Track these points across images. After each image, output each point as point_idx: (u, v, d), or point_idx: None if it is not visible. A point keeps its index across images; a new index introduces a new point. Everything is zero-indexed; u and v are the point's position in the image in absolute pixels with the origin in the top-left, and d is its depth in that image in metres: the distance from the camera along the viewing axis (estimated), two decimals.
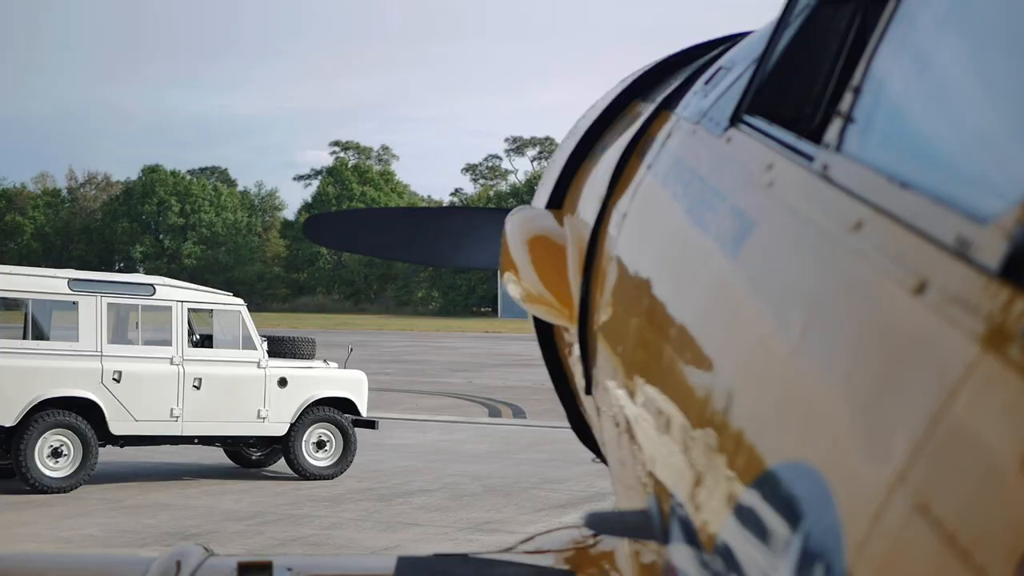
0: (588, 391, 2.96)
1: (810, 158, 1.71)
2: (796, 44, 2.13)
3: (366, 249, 4.73)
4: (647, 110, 3.11)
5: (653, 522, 1.95)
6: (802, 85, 2.07)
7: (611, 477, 2.79)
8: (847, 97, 1.68)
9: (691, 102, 2.71)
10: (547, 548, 3.10)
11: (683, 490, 1.76)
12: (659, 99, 3.05)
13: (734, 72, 2.52)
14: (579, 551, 2.97)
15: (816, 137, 1.77)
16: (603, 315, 2.73)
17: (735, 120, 2.22)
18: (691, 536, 1.71)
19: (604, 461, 3.36)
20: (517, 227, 3.59)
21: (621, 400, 2.40)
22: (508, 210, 3.88)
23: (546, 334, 3.62)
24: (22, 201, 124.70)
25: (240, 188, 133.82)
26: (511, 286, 3.48)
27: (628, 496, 2.42)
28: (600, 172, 3.22)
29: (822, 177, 1.62)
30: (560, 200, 3.58)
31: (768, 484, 1.43)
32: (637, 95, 3.39)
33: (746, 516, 1.48)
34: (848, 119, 1.65)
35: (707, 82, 2.71)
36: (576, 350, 3.04)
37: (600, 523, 2.08)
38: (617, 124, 3.38)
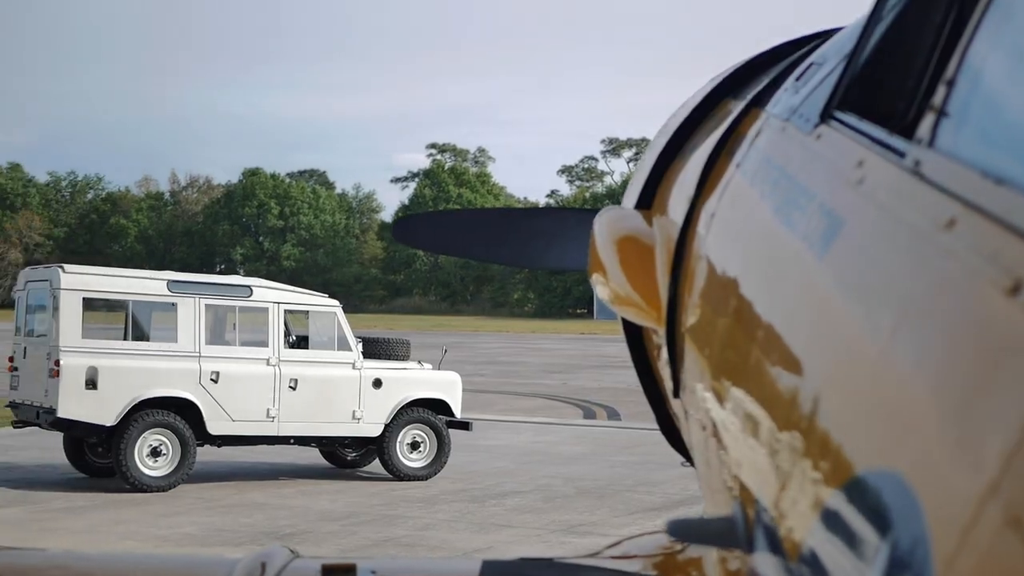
0: (676, 394, 2.91)
1: (902, 154, 1.65)
2: (888, 37, 2.08)
3: (455, 250, 4.69)
4: (737, 108, 3.05)
5: (737, 529, 1.90)
6: (894, 79, 2.01)
7: (698, 481, 2.74)
8: (940, 91, 1.62)
9: (781, 99, 2.65)
10: (634, 553, 3.06)
11: (768, 496, 1.71)
12: (749, 97, 2.99)
13: (825, 68, 2.46)
14: (667, 557, 2.92)
15: (908, 132, 1.71)
16: (690, 317, 2.68)
17: (825, 116, 2.16)
18: (775, 544, 1.66)
19: (693, 464, 3.30)
20: (605, 227, 3.55)
21: (707, 403, 2.35)
22: (598, 210, 3.84)
23: (635, 336, 3.57)
24: (126, 204, 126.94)
25: (338, 191, 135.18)
26: (599, 287, 3.44)
27: (714, 501, 2.37)
28: (689, 171, 3.16)
29: (914, 174, 1.57)
30: (649, 200, 3.53)
31: (855, 492, 1.38)
32: (727, 93, 3.33)
33: (831, 525, 1.43)
34: (941, 113, 1.59)
35: (798, 78, 2.66)
36: (664, 352, 2.99)
37: (683, 530, 2.03)
38: (707, 123, 3.32)
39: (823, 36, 3.03)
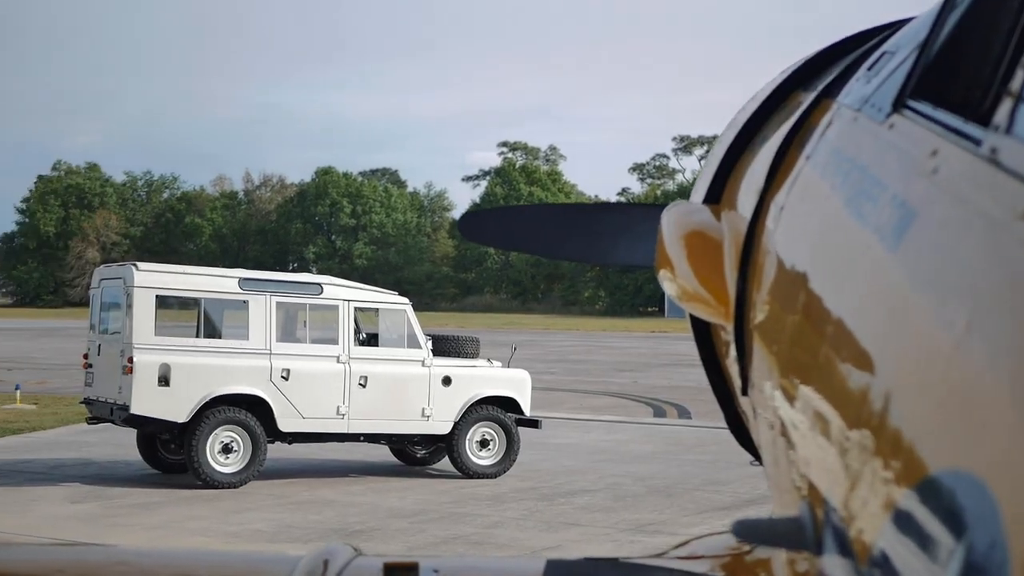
0: (744, 392, 2.85)
1: (978, 142, 1.59)
2: (964, 23, 2.01)
3: (522, 246, 4.64)
4: (807, 99, 2.99)
5: (805, 530, 1.85)
6: (970, 65, 1.94)
7: (767, 480, 2.68)
8: (1019, 76, 1.56)
9: (853, 89, 2.59)
10: (701, 553, 3.00)
11: (838, 497, 1.66)
12: (819, 88, 2.93)
13: (898, 56, 2.39)
14: (734, 558, 2.86)
15: (984, 120, 1.64)
16: (759, 312, 2.62)
17: (898, 105, 2.10)
18: (845, 546, 1.60)
19: (761, 463, 3.24)
20: (673, 222, 3.49)
21: (776, 401, 2.30)
22: (665, 205, 3.78)
23: (703, 333, 3.51)
24: (201, 203, 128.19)
25: (410, 189, 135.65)
26: (667, 283, 3.39)
27: (782, 501, 2.31)
28: (758, 165, 3.10)
29: (990, 162, 1.50)
30: (718, 194, 3.47)
31: (928, 493, 1.32)
32: (797, 85, 3.26)
33: (903, 526, 1.38)
34: (1019, 99, 1.53)
35: (870, 68, 2.59)
36: (732, 349, 2.93)
37: (749, 531, 1.98)
38: (776, 115, 3.26)
39: (893, 27, 2.96)
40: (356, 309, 16.81)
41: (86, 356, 16.85)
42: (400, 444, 17.73)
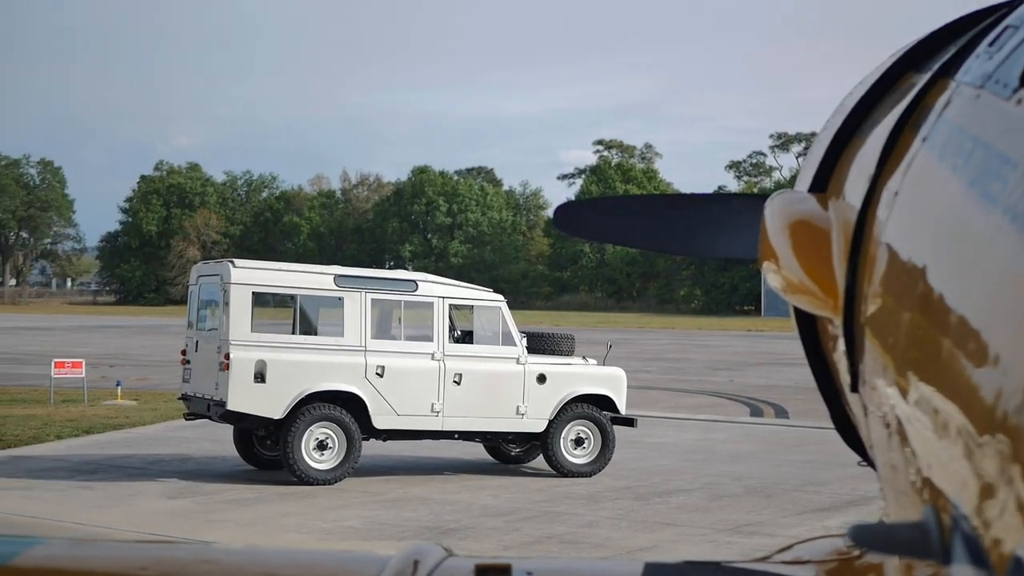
0: (854, 388, 2.69)
1: None
2: None
3: (617, 238, 4.50)
4: (920, 80, 2.82)
5: (930, 538, 1.70)
6: None
7: (879, 482, 2.52)
8: None
9: (972, 66, 2.43)
10: (806, 558, 2.85)
11: (969, 503, 1.51)
12: (934, 68, 2.76)
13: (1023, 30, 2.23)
14: (842, 563, 2.71)
15: None
16: (872, 305, 2.47)
17: None
18: (979, 556, 1.46)
19: (870, 464, 3.08)
20: (777, 212, 3.34)
21: (892, 398, 2.15)
22: (767, 196, 3.63)
23: (808, 327, 3.35)
24: (299, 202, 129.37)
25: (505, 188, 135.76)
26: (770, 275, 3.25)
27: (899, 504, 2.16)
28: (869, 149, 2.94)
29: None
30: (824, 182, 3.31)
31: None
32: (908, 68, 3.10)
33: None
34: None
35: (991, 43, 2.43)
36: (841, 344, 2.77)
37: (867, 537, 1.83)
38: (887, 99, 3.09)
39: (1011, 5, 2.79)
40: (451, 306, 16.75)
41: (184, 352, 16.95)
42: (494, 442, 17.64)
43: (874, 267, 2.46)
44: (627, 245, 4.50)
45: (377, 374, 16.08)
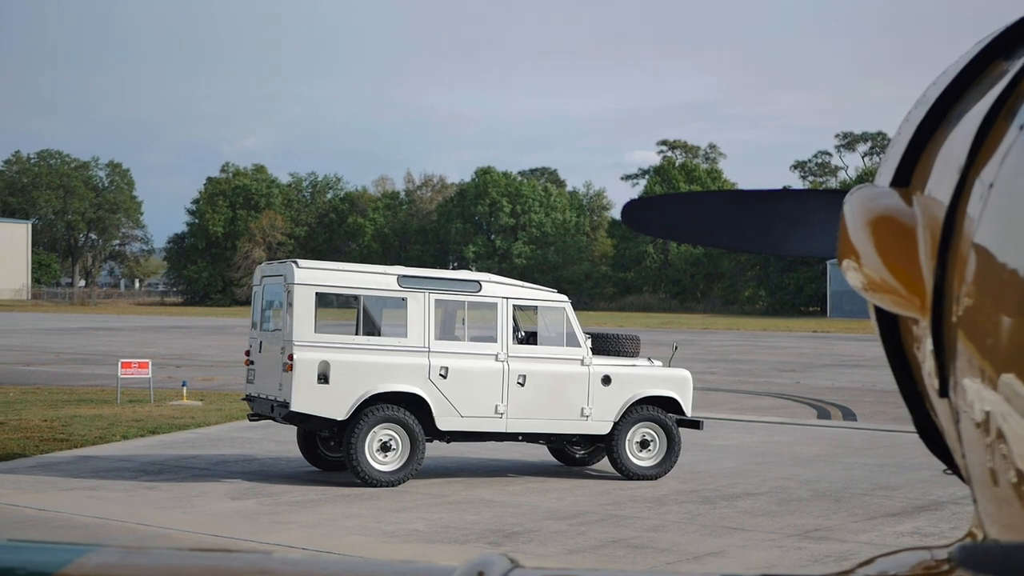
0: (943, 392, 2.53)
1: None
2: None
3: (686, 236, 4.36)
4: (1013, 67, 2.66)
5: None
6: None
7: (972, 492, 2.36)
8: None
9: None
10: (892, 572, 2.69)
11: None
12: None
13: None
14: None
15: None
16: (965, 304, 2.31)
17: None
18: None
19: (955, 471, 2.91)
20: (857, 208, 3.19)
21: (989, 404, 1.99)
22: (845, 191, 3.47)
23: (890, 327, 3.18)
24: (363, 204, 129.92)
25: (569, 188, 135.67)
26: (850, 273, 3.11)
27: (1001, 516, 2.01)
28: (957, 140, 2.78)
29: None
30: (907, 176, 3.15)
31: None
32: (997, 55, 2.93)
33: None
34: None
35: None
36: (928, 345, 2.61)
37: (977, 559, 1.69)
38: (975, 88, 2.93)
39: None
40: (515, 307, 16.63)
41: (248, 353, 16.95)
42: (559, 444, 17.50)
43: (967, 264, 2.31)
44: (696, 243, 4.35)
45: (441, 375, 15.99)
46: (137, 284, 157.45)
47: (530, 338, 16.81)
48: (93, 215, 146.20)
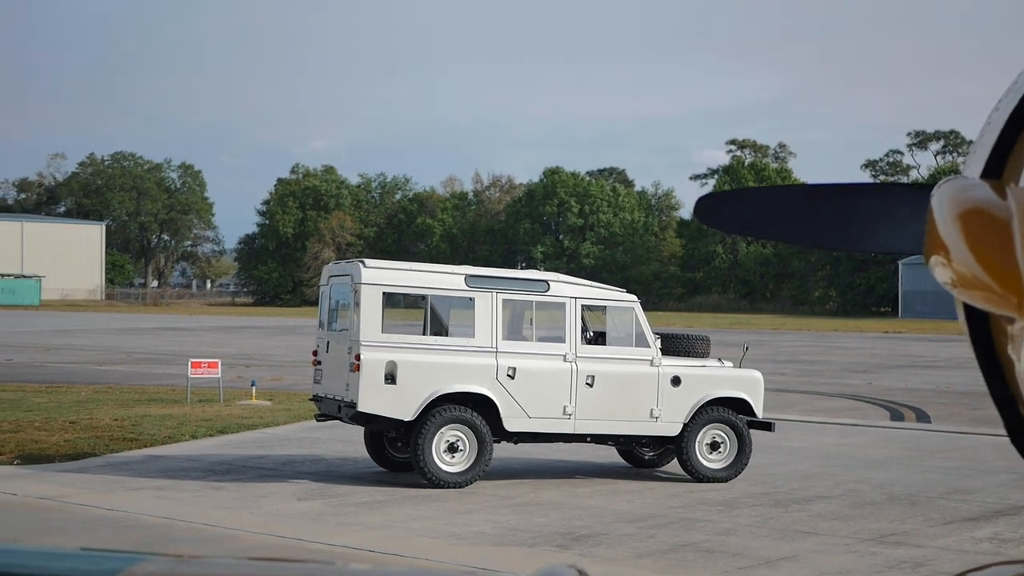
0: None
1: None
2: None
3: (762, 232, 4.16)
4: None
5: None
6: None
7: None
8: None
9: None
10: None
11: None
12: None
13: None
14: None
15: None
16: None
17: None
18: None
19: None
20: (946, 201, 2.99)
21: None
22: (931, 184, 3.27)
23: (980, 326, 2.98)
24: (432, 204, 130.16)
25: (637, 188, 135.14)
26: (939, 270, 2.91)
27: None
28: None
29: None
30: (999, 168, 2.94)
31: None
32: None
33: None
34: None
35: None
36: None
37: None
38: None
39: None
40: (583, 307, 16.45)
41: (315, 353, 16.90)
42: (627, 445, 17.30)
43: None
44: (773, 239, 4.18)
45: (508, 376, 15.85)
46: (208, 285, 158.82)
47: (599, 338, 16.63)
48: (166, 216, 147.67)
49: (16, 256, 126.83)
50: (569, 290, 16.43)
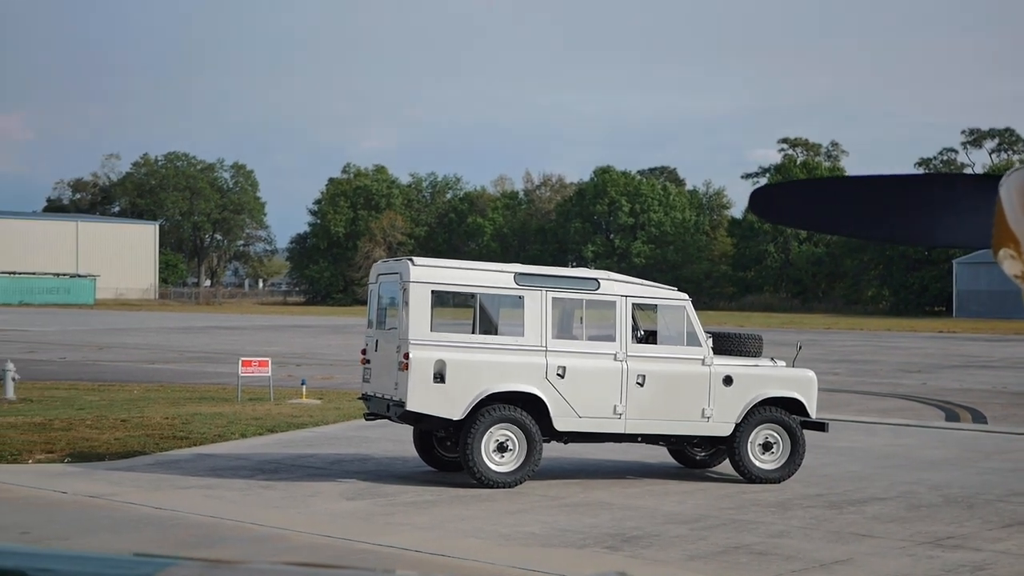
0: None
1: None
2: None
3: (820, 225, 4.02)
4: None
5: None
6: None
7: None
8: None
9: None
10: None
11: None
12: None
13: None
14: None
15: None
16: None
17: None
18: None
19: None
20: (1015, 191, 2.87)
21: None
22: (998, 176, 3.12)
23: None
24: (482, 203, 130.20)
25: (688, 187, 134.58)
26: (1008, 262, 2.81)
27: None
28: None
29: None
30: None
31: None
32: None
33: None
34: None
35: None
36: None
37: None
38: None
39: None
40: (634, 305, 16.27)
41: (364, 352, 16.82)
42: (679, 445, 17.11)
43: None
44: (830, 232, 4.03)
45: (558, 375, 15.69)
46: (260, 284, 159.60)
47: (650, 337, 16.44)
48: (218, 216, 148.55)
49: (71, 256, 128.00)
50: (620, 288, 16.25)
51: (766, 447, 16.37)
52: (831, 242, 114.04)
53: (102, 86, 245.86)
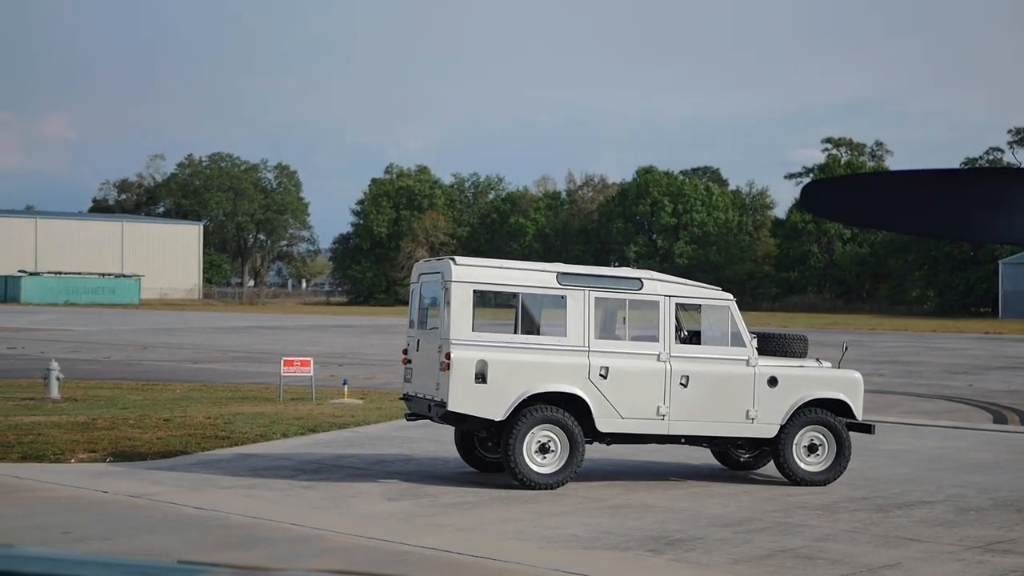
0: None
1: None
2: None
3: (872, 221, 3.89)
4: None
5: None
6: None
7: None
8: None
9: None
10: None
11: None
12: None
13: None
14: None
15: None
16: None
17: None
18: None
19: None
20: None
21: None
22: None
23: None
24: (525, 204, 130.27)
25: (731, 187, 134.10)
26: None
27: None
28: None
29: None
30: None
31: None
32: None
33: None
34: None
35: None
36: None
37: None
38: None
39: None
40: (677, 305, 16.11)
41: (405, 351, 16.73)
42: (723, 447, 16.93)
43: None
44: (882, 228, 3.89)
45: (601, 375, 15.55)
46: (303, 284, 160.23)
47: (693, 337, 16.28)
48: (262, 216, 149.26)
49: (116, 256, 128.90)
50: (663, 288, 16.09)
51: (811, 449, 16.17)
52: (875, 242, 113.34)
53: (147, 87, 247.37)
